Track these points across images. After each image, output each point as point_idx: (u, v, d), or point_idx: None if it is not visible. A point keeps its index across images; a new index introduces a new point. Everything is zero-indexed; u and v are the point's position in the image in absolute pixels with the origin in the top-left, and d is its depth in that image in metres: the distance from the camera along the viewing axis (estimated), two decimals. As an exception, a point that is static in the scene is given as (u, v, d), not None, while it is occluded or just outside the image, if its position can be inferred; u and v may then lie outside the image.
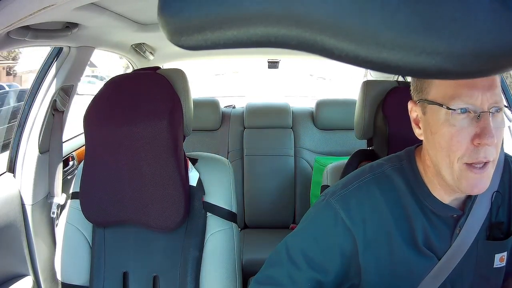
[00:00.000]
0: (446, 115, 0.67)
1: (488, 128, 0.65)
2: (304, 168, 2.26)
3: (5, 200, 1.31)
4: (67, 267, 1.16)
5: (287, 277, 0.80)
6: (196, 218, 1.11)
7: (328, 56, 0.29)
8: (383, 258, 0.78)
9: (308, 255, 0.79)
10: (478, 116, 0.66)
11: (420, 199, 0.77)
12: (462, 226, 0.77)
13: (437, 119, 0.69)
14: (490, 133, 0.64)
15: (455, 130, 0.67)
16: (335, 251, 0.78)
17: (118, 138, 1.06)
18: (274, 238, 2.05)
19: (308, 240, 0.81)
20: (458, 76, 0.29)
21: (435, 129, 0.69)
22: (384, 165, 0.81)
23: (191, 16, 0.29)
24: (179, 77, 1.14)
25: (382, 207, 0.77)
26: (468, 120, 0.66)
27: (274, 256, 0.84)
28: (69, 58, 1.41)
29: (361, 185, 0.79)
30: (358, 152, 1.21)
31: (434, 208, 0.76)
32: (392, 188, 0.78)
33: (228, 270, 1.12)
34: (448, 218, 0.77)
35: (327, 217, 0.79)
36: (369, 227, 0.77)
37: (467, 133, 0.66)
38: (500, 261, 0.80)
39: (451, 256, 0.77)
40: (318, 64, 4.30)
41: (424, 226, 0.77)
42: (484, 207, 0.78)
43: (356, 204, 0.77)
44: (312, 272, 0.79)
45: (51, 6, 0.76)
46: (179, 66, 1.81)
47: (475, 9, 0.27)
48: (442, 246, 0.78)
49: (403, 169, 0.79)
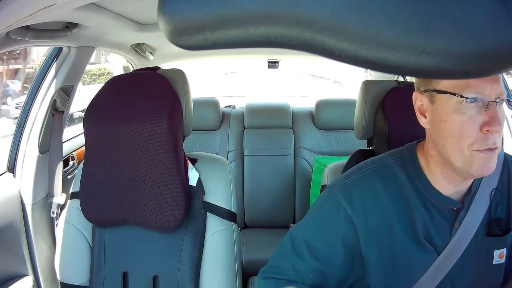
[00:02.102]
0: (457, 104, 0.70)
1: (496, 116, 0.69)
2: (304, 168, 2.26)
3: (5, 200, 1.31)
4: (67, 267, 1.16)
5: (290, 267, 0.82)
6: (196, 218, 1.12)
7: (328, 56, 0.29)
8: (384, 249, 0.79)
9: (311, 245, 0.81)
10: (486, 106, 0.69)
11: (421, 191, 0.79)
12: (462, 221, 0.78)
13: (447, 107, 0.72)
14: (498, 121, 0.69)
15: (466, 118, 0.70)
16: (337, 241, 0.80)
17: (117, 138, 1.06)
18: (274, 238, 2.06)
19: (311, 230, 0.83)
20: (458, 76, 0.29)
21: (445, 117, 0.72)
22: (386, 158, 0.84)
23: (191, 16, 0.29)
24: (179, 77, 1.14)
25: (383, 198, 0.79)
26: (477, 109, 0.70)
27: (280, 248, 0.86)
28: (69, 58, 1.41)
29: (362, 176, 0.81)
30: (358, 152, 1.21)
31: (434, 200, 0.78)
32: (394, 180, 0.80)
33: (228, 270, 1.12)
34: (447, 212, 0.79)
35: (329, 207, 0.81)
36: (371, 217, 0.79)
37: (476, 121, 0.70)
38: (499, 257, 0.82)
39: (451, 251, 0.78)
40: (334, 66, 4.19)
41: (424, 218, 0.78)
42: (483, 203, 0.80)
43: (358, 194, 0.79)
44: (316, 262, 0.80)
45: (51, 6, 0.75)
46: (179, 66, 1.81)
47: (475, 9, 0.27)
48: (441, 240, 0.79)
49: (404, 162, 0.81)
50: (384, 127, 1.15)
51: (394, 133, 1.12)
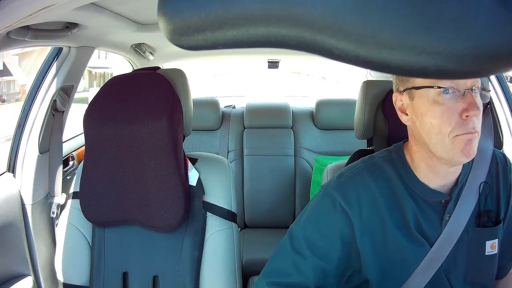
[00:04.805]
0: (435, 95, 0.74)
1: (473, 101, 0.72)
2: (304, 168, 2.26)
3: (5, 200, 1.31)
4: (67, 267, 1.16)
5: (292, 267, 0.83)
6: (196, 217, 1.12)
7: (328, 56, 0.29)
8: (378, 243, 0.82)
9: (311, 242, 0.83)
10: (463, 94, 0.73)
11: (409, 186, 0.82)
12: (451, 213, 0.81)
13: (426, 101, 0.76)
14: (476, 106, 0.72)
15: (445, 108, 0.74)
16: (335, 236, 0.82)
17: (117, 138, 1.06)
18: (274, 238, 2.06)
19: (310, 228, 0.85)
20: (458, 76, 0.29)
21: (425, 110, 0.76)
22: (375, 157, 0.88)
23: (191, 16, 0.29)
24: (179, 77, 1.14)
25: (375, 193, 0.82)
26: (454, 99, 0.74)
27: (279, 248, 0.88)
28: (69, 58, 1.41)
29: (354, 174, 0.85)
30: (358, 152, 1.21)
31: (422, 194, 0.82)
32: (383, 176, 0.84)
33: (228, 270, 1.12)
34: (436, 205, 0.82)
35: (326, 204, 0.84)
36: (365, 212, 0.82)
37: (455, 109, 0.73)
38: (491, 248, 0.84)
39: (443, 243, 0.81)
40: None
41: (414, 212, 0.81)
42: (472, 196, 0.83)
43: (352, 190, 0.83)
44: (316, 259, 0.82)
45: (51, 6, 0.75)
46: (179, 66, 1.81)
47: (475, 9, 0.27)
48: (433, 233, 0.82)
49: (392, 160, 0.86)
50: (384, 127, 1.15)
51: (394, 133, 1.12)
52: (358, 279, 0.87)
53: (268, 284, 0.85)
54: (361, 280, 0.87)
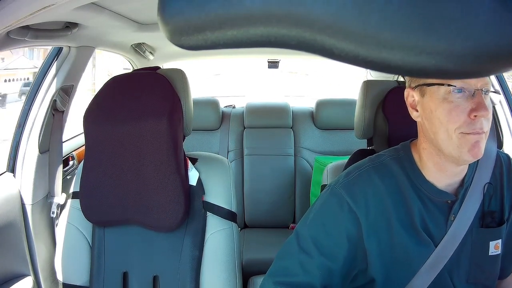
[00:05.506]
0: (445, 93, 0.75)
1: (482, 102, 0.73)
2: (304, 168, 2.26)
3: (5, 200, 1.31)
4: (67, 267, 1.16)
5: (299, 266, 0.83)
6: (196, 217, 1.11)
7: (328, 56, 0.29)
8: (384, 243, 0.82)
9: (318, 241, 0.83)
10: (473, 94, 0.74)
11: (416, 185, 0.82)
12: (456, 214, 0.82)
13: (436, 98, 0.76)
14: (485, 106, 0.73)
15: (454, 106, 0.74)
16: (342, 236, 0.82)
17: (117, 137, 1.06)
18: (274, 238, 2.06)
19: (317, 227, 0.85)
20: (458, 76, 0.29)
21: (435, 107, 0.77)
22: (383, 156, 0.88)
23: (191, 16, 0.29)
24: (179, 77, 1.14)
25: (382, 193, 0.82)
26: (464, 98, 0.74)
27: (285, 247, 0.88)
28: (69, 58, 1.41)
29: (361, 173, 0.85)
30: (358, 152, 1.22)
31: (429, 193, 0.82)
32: (391, 175, 0.84)
33: (228, 270, 1.12)
34: (442, 205, 0.82)
35: (333, 203, 0.84)
36: (372, 212, 0.81)
37: (464, 108, 0.74)
38: (495, 248, 0.85)
39: (447, 243, 0.81)
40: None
41: (420, 211, 0.82)
42: (477, 197, 0.83)
43: (359, 189, 0.83)
44: (323, 258, 0.82)
45: (51, 6, 0.75)
46: (179, 66, 1.81)
47: (475, 9, 0.27)
48: (438, 233, 0.82)
49: (400, 159, 0.86)
50: (384, 127, 1.15)
51: (394, 133, 1.12)
52: (363, 279, 0.87)
53: (274, 283, 0.85)
54: (366, 279, 0.87)
